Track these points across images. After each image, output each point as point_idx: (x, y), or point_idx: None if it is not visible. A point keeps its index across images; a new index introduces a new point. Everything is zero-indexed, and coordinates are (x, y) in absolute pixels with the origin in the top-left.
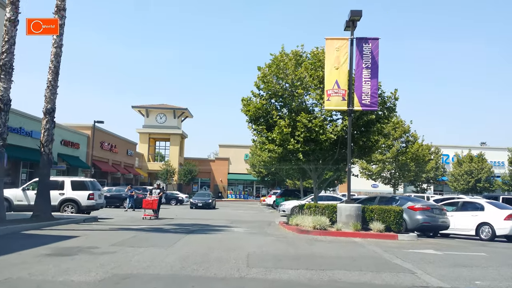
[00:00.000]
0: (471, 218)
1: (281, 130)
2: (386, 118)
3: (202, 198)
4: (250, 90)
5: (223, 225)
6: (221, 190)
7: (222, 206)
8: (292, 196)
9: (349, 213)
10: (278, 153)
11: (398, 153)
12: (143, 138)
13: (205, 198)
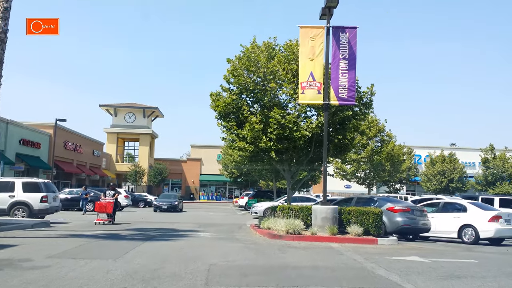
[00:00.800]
0: (453, 220)
1: (252, 126)
2: (362, 114)
3: (167, 200)
4: (220, 84)
5: (189, 230)
6: (193, 192)
7: (193, 208)
8: (265, 197)
9: (325, 216)
10: (249, 151)
11: (373, 153)
12: (111, 138)
13: (170, 200)
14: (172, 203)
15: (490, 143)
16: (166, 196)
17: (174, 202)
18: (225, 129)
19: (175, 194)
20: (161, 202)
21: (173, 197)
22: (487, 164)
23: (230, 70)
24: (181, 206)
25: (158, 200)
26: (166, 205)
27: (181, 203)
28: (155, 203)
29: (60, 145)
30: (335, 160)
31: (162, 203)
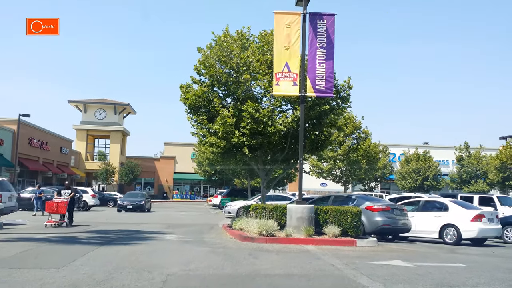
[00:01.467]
0: (434, 219)
1: (224, 121)
2: (340, 109)
3: (133, 199)
4: (190, 76)
5: (155, 231)
6: (166, 190)
7: (165, 207)
8: (239, 196)
9: (301, 216)
10: (221, 147)
11: (349, 150)
12: (80, 135)
13: (136, 199)
14: (138, 203)
15: (464, 141)
16: (132, 195)
17: (141, 201)
18: (195, 124)
19: (142, 193)
20: (126, 201)
21: (139, 196)
22: (461, 162)
23: (201, 60)
24: (148, 205)
25: (122, 199)
26: (131, 204)
27: (149, 202)
28: (119, 202)
29: (25, 142)
30: (311, 157)
31: (127, 202)
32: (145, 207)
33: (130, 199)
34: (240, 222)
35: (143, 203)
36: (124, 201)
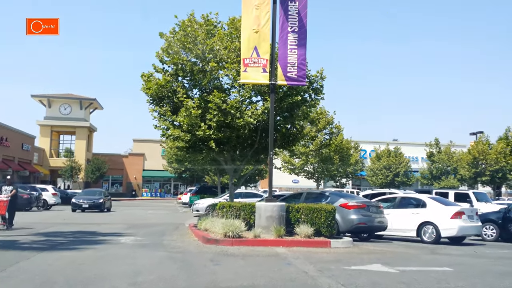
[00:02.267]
0: (412, 217)
1: (189, 112)
2: (313, 100)
3: (89, 197)
4: (152, 64)
5: (112, 233)
6: (135, 188)
7: (132, 205)
8: (208, 194)
9: (270, 214)
10: (185, 141)
11: (321, 145)
12: (44, 131)
13: (94, 198)
14: (95, 201)
15: (435, 137)
16: (89, 193)
17: (99, 199)
18: (158, 116)
19: (101, 190)
20: (81, 199)
21: (98, 193)
22: (432, 158)
23: (164, 47)
24: (108, 204)
25: (78, 197)
26: (88, 203)
27: (109, 200)
28: (74, 200)
29: None
30: (283, 153)
31: (83, 200)
32: (104, 206)
33: (87, 197)
34: (205, 221)
35: (102, 202)
36: (80, 199)
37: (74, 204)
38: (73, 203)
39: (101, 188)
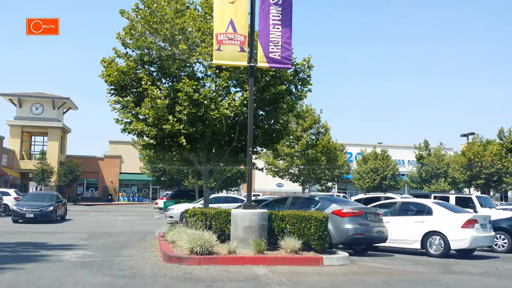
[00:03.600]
0: (415, 226)
1: (154, 102)
2: (299, 91)
3: (35, 203)
4: (113, 47)
5: (62, 245)
6: (112, 192)
7: (105, 210)
8: (185, 198)
9: (249, 224)
10: (151, 137)
11: (307, 146)
12: (14, 131)
13: (41, 204)
14: (43, 209)
15: (424, 139)
16: (36, 197)
17: (48, 206)
18: (118, 107)
19: (52, 194)
20: (25, 207)
21: (47, 198)
22: (422, 161)
23: (127, 28)
24: (62, 212)
25: (20, 203)
26: (33, 211)
27: (64, 207)
28: (15, 208)
29: None
30: (266, 154)
31: (27, 208)
32: (55, 214)
33: (33, 203)
34: (173, 232)
35: (52, 210)
36: (23, 207)
37: (16, 213)
38: (14, 211)
39: (52, 191)
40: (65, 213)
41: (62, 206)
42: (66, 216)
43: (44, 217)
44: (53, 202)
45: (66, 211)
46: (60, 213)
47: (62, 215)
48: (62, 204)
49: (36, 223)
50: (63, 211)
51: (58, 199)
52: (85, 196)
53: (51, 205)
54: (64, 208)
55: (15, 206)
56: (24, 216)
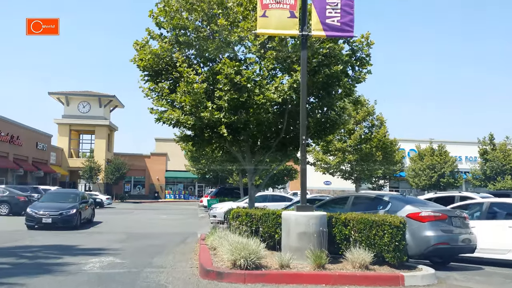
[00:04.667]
0: (510, 232)
1: (191, 87)
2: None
3: (54, 205)
4: (146, 28)
5: (91, 249)
6: (158, 190)
7: (150, 208)
8: (230, 196)
9: (304, 230)
10: (188, 127)
11: (361, 140)
12: (62, 130)
13: (61, 206)
14: (64, 212)
15: (490, 132)
16: (56, 197)
17: (69, 209)
18: (153, 95)
19: (76, 193)
20: (42, 209)
21: (70, 198)
22: (485, 157)
23: (161, 5)
24: (87, 215)
25: (36, 205)
26: (51, 215)
27: (89, 208)
28: (29, 211)
29: None
30: (315, 149)
31: (45, 211)
32: (78, 218)
33: (51, 204)
34: (214, 236)
35: (74, 213)
36: (39, 209)
37: (30, 217)
38: (28, 215)
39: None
40: (91, 216)
41: (89, 207)
42: (93, 218)
43: (64, 222)
44: (76, 203)
45: (94, 213)
46: (86, 216)
47: (88, 218)
48: (89, 205)
49: (55, 229)
50: (89, 214)
51: (84, 200)
52: (132, 194)
53: (74, 207)
54: (91, 209)
55: (30, 208)
56: (40, 221)
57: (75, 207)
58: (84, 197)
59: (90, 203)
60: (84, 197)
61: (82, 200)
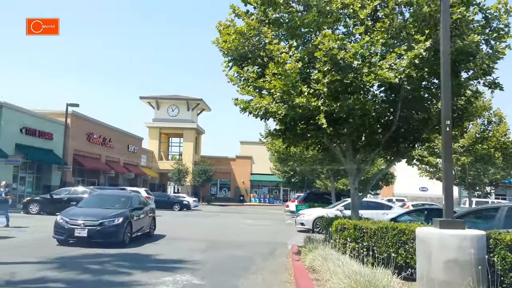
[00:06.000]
0: None
1: (282, 69)
2: (493, 48)
3: (94, 212)
4: (230, 5)
5: (169, 261)
6: (243, 193)
7: (235, 212)
8: (319, 202)
9: (455, 257)
10: (279, 118)
11: (476, 140)
12: (153, 133)
13: (104, 213)
14: (106, 222)
15: None
16: (99, 201)
17: (114, 218)
18: (239, 82)
19: (128, 196)
20: (76, 218)
21: (119, 202)
22: None
23: None
24: (143, 225)
25: (69, 212)
26: (87, 226)
27: (147, 217)
28: (60, 220)
29: (82, 137)
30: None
31: (78, 220)
32: (125, 231)
33: (91, 211)
34: (314, 254)
35: (119, 223)
36: (72, 217)
37: (59, 228)
38: (58, 225)
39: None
40: (151, 227)
41: (147, 215)
42: (153, 231)
43: (105, 236)
44: (125, 209)
45: (154, 224)
46: (141, 227)
47: (145, 230)
48: (146, 212)
49: (92, 245)
50: (146, 224)
51: (139, 205)
52: (218, 196)
53: (121, 215)
54: (150, 218)
55: (61, 216)
56: (71, 233)
57: (123, 214)
58: (142, 202)
59: (148, 210)
60: (142, 202)
61: (135, 205)
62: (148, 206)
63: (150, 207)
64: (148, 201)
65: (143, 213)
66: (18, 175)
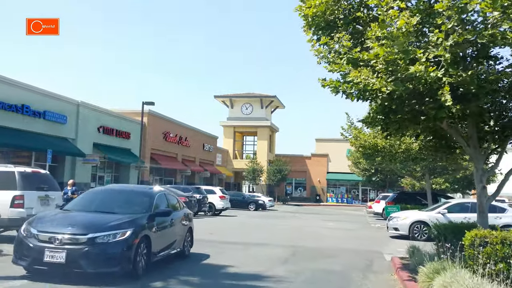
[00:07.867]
0: None
1: (389, 32)
2: None
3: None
4: None
5: (245, 275)
6: (320, 193)
7: (312, 212)
8: (412, 203)
9: None
10: (383, 97)
11: None
12: (227, 132)
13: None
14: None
15: None
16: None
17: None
18: (328, 55)
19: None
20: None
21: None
22: None
23: None
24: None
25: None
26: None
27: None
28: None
29: (159, 136)
30: None
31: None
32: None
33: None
34: (442, 279)
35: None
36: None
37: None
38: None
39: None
40: (186, 241)
41: (182, 223)
42: (189, 249)
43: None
44: (140, 215)
45: (192, 237)
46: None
47: (175, 248)
48: (184, 217)
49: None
50: (179, 237)
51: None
52: (294, 196)
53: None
54: (183, 226)
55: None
56: (39, 256)
57: (134, 224)
58: (172, 204)
59: (181, 217)
60: (171, 205)
61: (160, 209)
62: (182, 210)
63: (184, 212)
64: (181, 203)
65: (171, 222)
66: (97, 174)
